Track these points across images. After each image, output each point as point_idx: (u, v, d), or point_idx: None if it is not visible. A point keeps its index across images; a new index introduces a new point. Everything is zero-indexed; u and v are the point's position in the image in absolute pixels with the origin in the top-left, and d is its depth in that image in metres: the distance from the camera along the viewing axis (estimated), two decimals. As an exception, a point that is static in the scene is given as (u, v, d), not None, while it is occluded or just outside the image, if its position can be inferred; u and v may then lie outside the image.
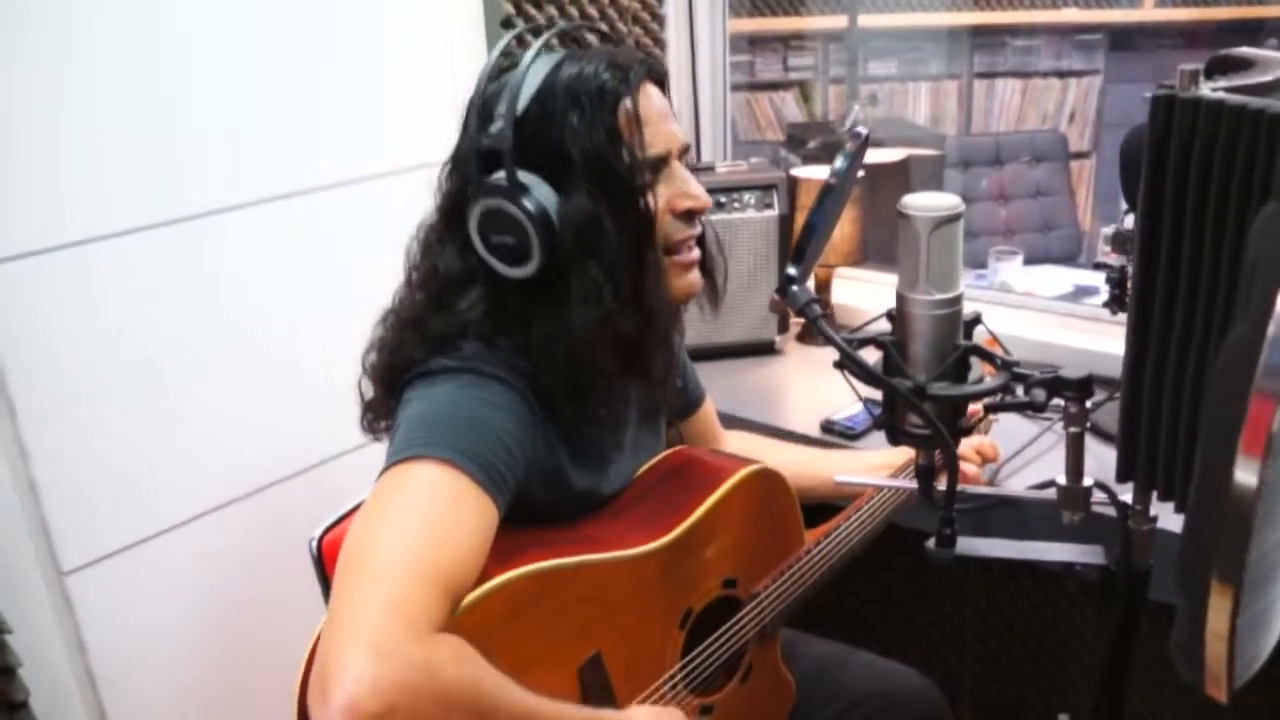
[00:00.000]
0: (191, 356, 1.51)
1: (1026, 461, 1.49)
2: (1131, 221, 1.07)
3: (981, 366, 0.88)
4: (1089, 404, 0.86)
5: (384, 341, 1.07)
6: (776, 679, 1.28)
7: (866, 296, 2.08)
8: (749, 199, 1.91)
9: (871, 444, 1.60)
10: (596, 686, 1.03)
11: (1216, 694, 0.61)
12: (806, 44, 4.07)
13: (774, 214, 1.91)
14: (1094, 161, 4.04)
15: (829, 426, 1.67)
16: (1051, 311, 1.95)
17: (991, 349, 0.88)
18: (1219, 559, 0.55)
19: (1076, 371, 0.84)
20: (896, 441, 0.90)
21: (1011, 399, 0.86)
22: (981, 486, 1.33)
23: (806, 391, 1.86)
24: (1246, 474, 0.53)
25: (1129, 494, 0.86)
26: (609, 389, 1.07)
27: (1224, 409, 0.54)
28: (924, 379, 0.85)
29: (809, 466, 1.39)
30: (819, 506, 1.36)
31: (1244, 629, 0.58)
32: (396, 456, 0.92)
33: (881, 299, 0.95)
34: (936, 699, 1.39)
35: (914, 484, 0.95)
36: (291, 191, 1.59)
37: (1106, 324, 1.67)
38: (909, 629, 2.04)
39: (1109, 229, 1.38)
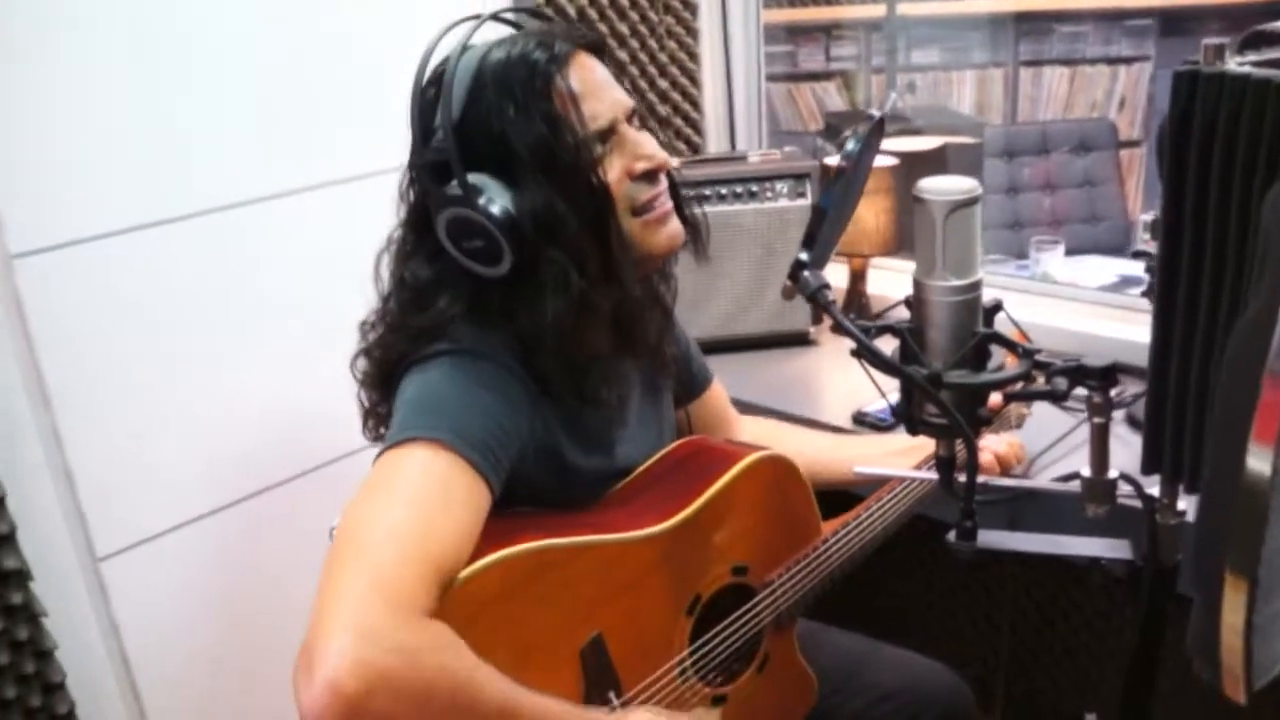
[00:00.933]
0: (218, 350, 1.53)
1: (1064, 453, 1.45)
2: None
3: (1004, 355, 0.86)
4: (1130, 395, 0.83)
5: (370, 347, 1.07)
6: (796, 671, 1.26)
7: (902, 286, 2.03)
8: (782, 188, 1.89)
9: (903, 434, 1.57)
10: (598, 669, 1.02)
11: (1234, 693, 0.58)
12: (848, 33, 4.01)
13: (806, 203, 1.88)
14: (1144, 150, 3.93)
15: (861, 418, 1.64)
16: (1086, 300, 1.90)
17: (1013, 337, 0.86)
18: (1232, 551, 0.53)
19: (1099, 360, 0.82)
20: (915, 431, 0.89)
21: (1032, 388, 0.84)
22: (1003, 479, 1.29)
23: (839, 382, 1.82)
24: (1259, 462, 0.50)
25: (1157, 487, 0.83)
26: (604, 367, 1.06)
27: (1235, 394, 0.51)
28: (941, 367, 0.83)
29: (828, 452, 1.37)
30: (840, 494, 1.33)
31: (1263, 627, 0.56)
32: (391, 440, 0.93)
33: (916, 289, 0.92)
34: (965, 695, 1.37)
35: (934, 475, 0.93)
36: (321, 183, 1.60)
37: (1145, 314, 1.62)
38: (939, 624, 2.01)
39: (1147, 216, 1.33)
